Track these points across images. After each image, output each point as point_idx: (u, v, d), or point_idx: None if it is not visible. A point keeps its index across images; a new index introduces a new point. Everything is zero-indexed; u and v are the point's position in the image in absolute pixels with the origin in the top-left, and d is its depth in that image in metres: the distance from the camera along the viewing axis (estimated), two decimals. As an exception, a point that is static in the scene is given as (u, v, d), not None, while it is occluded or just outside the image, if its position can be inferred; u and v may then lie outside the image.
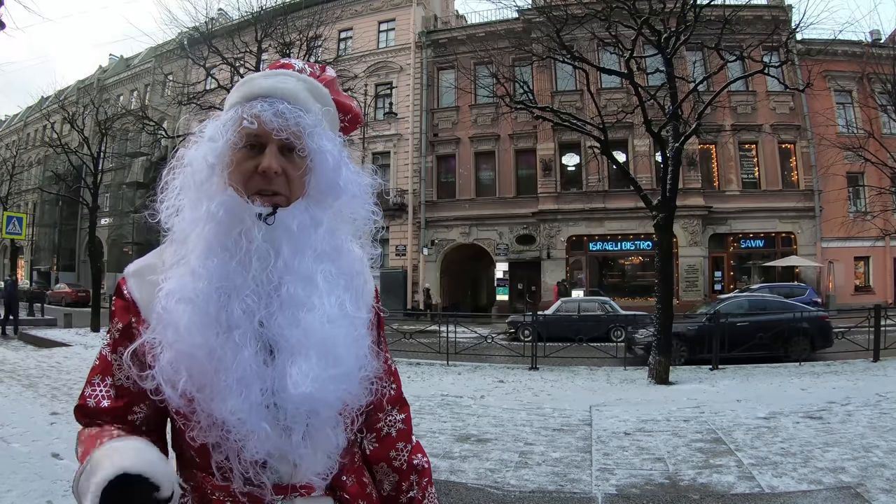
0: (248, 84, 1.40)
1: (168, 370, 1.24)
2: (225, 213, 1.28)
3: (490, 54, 28.00)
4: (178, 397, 1.25)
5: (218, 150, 1.32)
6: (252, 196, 1.30)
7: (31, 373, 11.83)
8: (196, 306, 1.25)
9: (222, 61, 20.02)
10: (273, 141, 1.31)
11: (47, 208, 52.39)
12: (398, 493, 1.56)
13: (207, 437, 1.27)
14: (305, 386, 1.26)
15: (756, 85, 30.32)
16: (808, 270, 30.59)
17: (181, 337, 1.24)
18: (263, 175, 1.30)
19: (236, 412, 1.23)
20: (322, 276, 1.34)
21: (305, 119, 1.34)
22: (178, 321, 1.24)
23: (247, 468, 1.28)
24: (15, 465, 5.68)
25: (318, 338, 1.29)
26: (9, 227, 22.38)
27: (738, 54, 15.26)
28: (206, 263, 1.27)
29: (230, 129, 1.33)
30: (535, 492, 5.58)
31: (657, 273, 12.86)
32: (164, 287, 1.29)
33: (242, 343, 1.25)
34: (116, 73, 51.87)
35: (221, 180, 1.32)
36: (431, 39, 36.65)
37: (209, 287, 1.26)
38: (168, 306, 1.26)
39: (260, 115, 1.31)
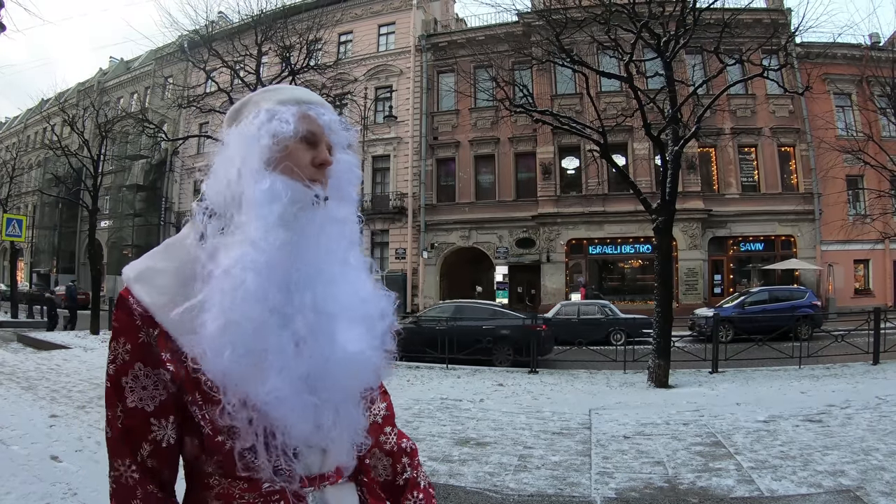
0: (284, 90, 1.51)
1: (216, 337, 1.24)
2: (289, 194, 1.34)
3: (490, 58, 28.07)
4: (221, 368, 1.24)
5: (288, 133, 1.39)
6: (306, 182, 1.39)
7: (31, 375, 11.82)
8: (257, 275, 1.27)
9: (222, 64, 20.00)
10: (322, 140, 1.44)
11: (47, 210, 52.40)
12: (394, 476, 1.61)
13: (234, 420, 1.25)
14: (358, 345, 1.36)
15: (755, 88, 30.41)
16: (808, 273, 30.59)
17: (234, 305, 1.25)
18: (320, 167, 1.41)
19: (277, 389, 1.26)
20: (354, 258, 1.47)
21: (346, 134, 1.53)
22: (235, 288, 1.25)
23: (277, 455, 1.29)
24: (14, 467, 5.68)
25: (360, 310, 1.41)
26: (8, 229, 22.38)
27: (738, 58, 15.27)
28: (269, 237, 1.29)
29: (296, 120, 1.41)
30: (535, 495, 5.58)
31: (657, 276, 12.86)
32: (230, 254, 1.29)
33: (293, 318, 1.31)
34: (116, 76, 51.91)
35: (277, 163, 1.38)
36: (431, 43, 36.68)
37: (270, 261, 1.28)
38: (232, 272, 1.27)
39: (322, 117, 1.46)
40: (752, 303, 22.24)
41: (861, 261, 31.40)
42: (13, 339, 19.01)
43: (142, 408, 1.30)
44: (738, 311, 21.45)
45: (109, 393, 1.32)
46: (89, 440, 6.86)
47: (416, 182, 35.98)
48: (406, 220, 35.57)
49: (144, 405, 1.30)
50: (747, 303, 22.32)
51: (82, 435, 7.10)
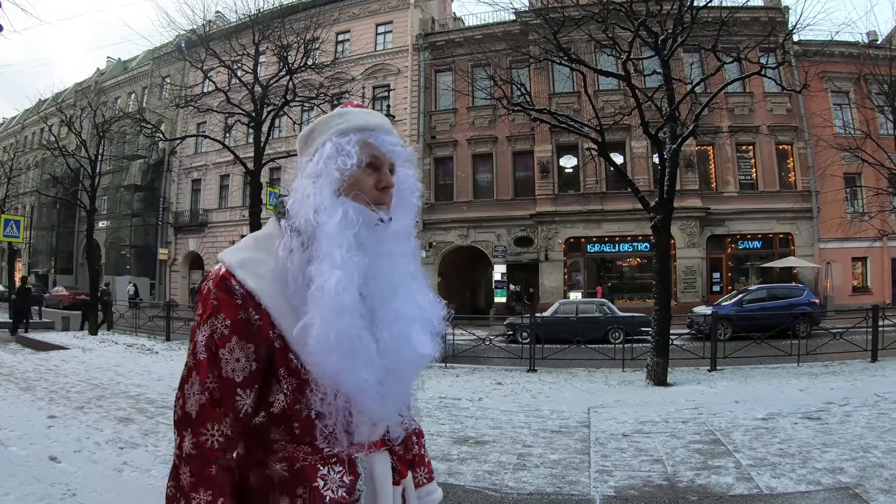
0: (350, 115, 1.71)
1: (324, 346, 1.47)
2: (360, 220, 1.58)
3: (487, 56, 28.13)
4: (330, 368, 1.48)
5: (353, 166, 1.61)
6: (371, 205, 1.62)
7: (29, 376, 11.80)
8: (350, 293, 1.51)
9: (220, 64, 20.02)
10: (385, 163, 1.67)
11: (45, 211, 52.37)
12: (405, 451, 1.83)
13: (327, 406, 1.52)
14: (427, 347, 1.64)
15: (753, 86, 30.40)
16: (806, 271, 30.62)
17: (335, 319, 1.48)
18: (383, 190, 1.65)
19: (366, 380, 1.52)
20: (416, 269, 1.72)
21: (407, 152, 1.74)
22: (337, 306, 1.48)
23: (352, 430, 1.58)
24: (12, 468, 5.67)
25: (423, 312, 1.66)
26: (6, 230, 22.33)
27: (736, 56, 15.27)
28: (350, 260, 1.53)
29: (359, 151, 1.63)
30: (534, 494, 5.58)
31: (655, 274, 12.85)
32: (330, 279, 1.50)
33: (377, 322, 1.58)
34: (114, 76, 51.85)
35: (348, 191, 1.61)
36: (429, 42, 36.65)
37: (354, 280, 1.53)
38: (332, 293, 1.48)
39: (383, 143, 1.68)
40: (751, 301, 22.24)
41: (859, 258, 31.43)
42: (11, 339, 18.98)
43: (233, 378, 1.50)
44: (737, 308, 21.44)
45: (200, 364, 1.51)
46: (88, 441, 6.86)
47: (415, 181, 35.84)
48: (404, 218, 35.48)
49: (235, 376, 1.51)
50: (745, 301, 22.32)
51: (81, 436, 7.09)
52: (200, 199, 43.74)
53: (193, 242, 43.21)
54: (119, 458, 6.15)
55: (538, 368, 14.08)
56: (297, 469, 1.54)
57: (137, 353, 15.99)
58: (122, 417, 8.24)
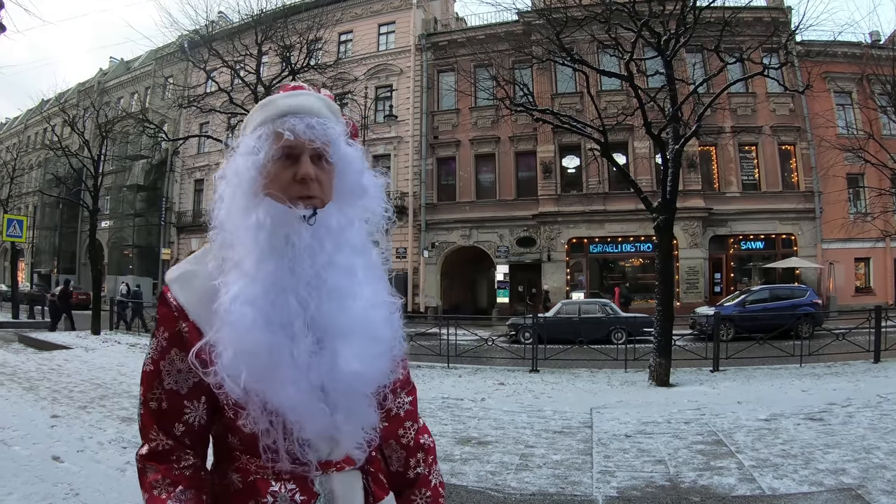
0: (273, 104, 1.53)
1: (230, 366, 1.37)
2: (272, 220, 1.42)
3: (490, 57, 28.07)
4: (241, 391, 1.37)
5: (259, 163, 1.46)
6: (292, 201, 1.45)
7: (32, 375, 11.82)
8: (256, 308, 1.37)
9: (222, 64, 20.03)
10: (306, 150, 1.46)
11: (48, 211, 52.42)
12: (405, 469, 1.70)
13: (258, 424, 1.40)
14: (356, 364, 1.43)
15: (756, 87, 30.39)
16: (809, 272, 30.57)
17: (243, 336, 1.36)
18: (302, 182, 1.45)
19: (292, 398, 1.38)
20: (360, 268, 1.52)
21: (334, 129, 1.51)
22: (240, 322, 1.37)
23: (294, 448, 1.43)
24: (15, 468, 5.68)
25: (361, 322, 1.46)
26: (9, 229, 22.43)
27: (738, 56, 15.29)
28: (262, 267, 1.40)
29: (267, 143, 1.47)
30: (536, 494, 5.58)
31: (658, 275, 12.85)
32: (228, 292, 1.40)
33: (301, 334, 1.40)
34: (117, 76, 51.90)
35: (261, 190, 1.46)
36: (431, 42, 36.66)
37: (267, 289, 1.39)
38: (231, 308, 1.38)
39: (294, 128, 1.46)
40: (753, 301, 22.21)
41: (862, 259, 31.38)
42: (14, 339, 18.99)
43: (177, 390, 1.47)
44: (739, 309, 21.42)
45: (149, 375, 1.49)
46: (91, 440, 6.87)
47: (417, 181, 35.97)
48: (407, 219, 35.54)
49: (179, 388, 1.47)
50: (748, 301, 22.30)
51: (84, 435, 7.10)
52: (203, 199, 43.70)
53: (196, 242, 43.20)
54: (122, 458, 6.16)
55: (541, 369, 14.06)
56: (251, 482, 1.47)
57: (140, 352, 15.96)
58: (124, 417, 8.24)
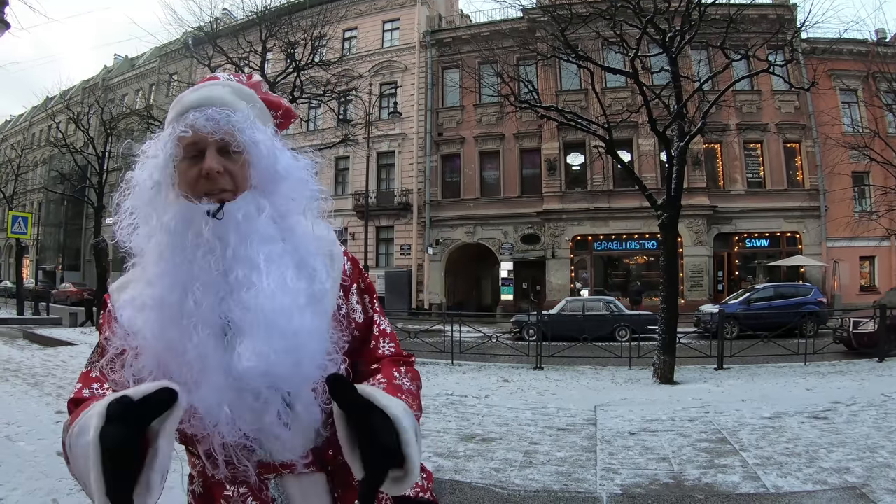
0: (179, 101, 1.49)
1: (135, 370, 1.34)
2: (178, 220, 1.37)
3: (495, 53, 28.04)
4: None
5: (160, 165, 1.42)
6: (201, 198, 1.39)
7: (37, 371, 11.86)
8: (153, 310, 1.35)
9: (227, 61, 20.04)
10: (210, 144, 1.41)
11: (52, 208, 52.50)
12: None
13: (189, 428, 1.34)
14: (249, 360, 1.32)
15: (761, 84, 30.24)
16: (814, 270, 30.49)
17: (144, 341, 1.34)
18: (207, 177, 1.39)
19: (204, 399, 1.31)
20: (264, 257, 1.41)
21: (234, 116, 1.43)
22: (138, 328, 1.35)
23: (228, 452, 1.37)
24: (20, 463, 5.70)
25: (260, 314, 1.36)
26: (14, 226, 22.49)
27: (743, 53, 15.21)
28: (157, 271, 1.37)
29: (169, 144, 1.43)
30: (540, 491, 5.58)
31: (662, 272, 12.83)
32: (121, 298, 1.43)
33: (204, 335, 1.33)
34: (121, 73, 51.93)
35: (172, 193, 1.42)
36: (436, 39, 36.65)
37: (163, 292, 1.35)
38: (127, 315, 1.38)
39: (194, 124, 1.41)
40: (758, 299, 22.20)
41: (867, 257, 31.30)
42: (19, 335, 19.05)
43: None
44: (744, 307, 21.41)
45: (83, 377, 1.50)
46: (95, 436, 6.87)
47: (421, 178, 35.96)
48: (411, 216, 35.57)
49: None
50: (753, 299, 22.29)
51: (88, 431, 7.10)
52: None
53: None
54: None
55: (545, 366, 14.06)
56: (208, 486, 1.46)
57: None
58: (129, 413, 8.25)
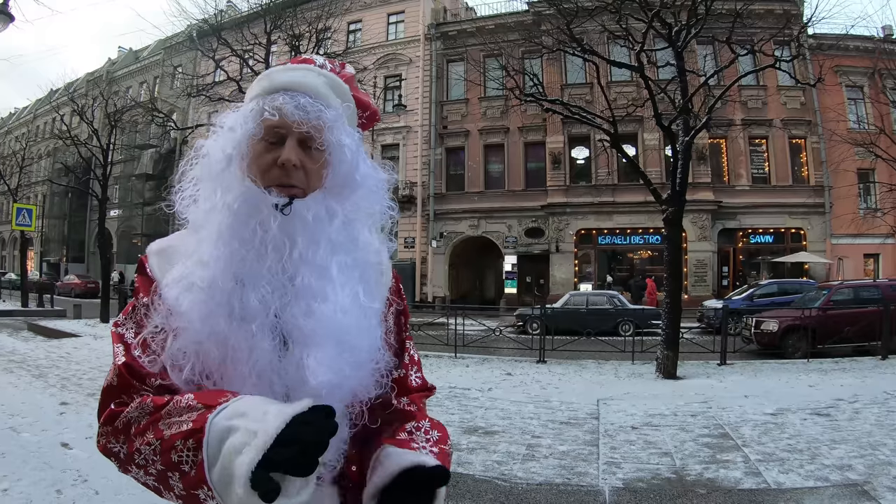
0: (269, 77, 1.41)
1: (175, 355, 1.24)
2: (242, 204, 1.29)
3: (500, 47, 28.06)
4: (184, 383, 1.24)
5: (237, 141, 1.34)
6: (270, 188, 1.31)
7: (41, 363, 11.89)
8: (202, 294, 1.25)
9: (231, 53, 20.03)
10: (293, 134, 1.32)
11: (57, 200, 52.55)
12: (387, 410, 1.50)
13: None
14: (323, 375, 1.26)
15: (767, 79, 30.18)
16: (818, 267, 30.40)
17: (187, 324, 1.24)
18: (282, 167, 1.31)
19: None
20: (337, 267, 1.34)
21: (326, 113, 1.35)
22: (184, 309, 1.25)
23: None
24: (25, 454, 5.72)
25: (332, 328, 1.29)
26: (18, 218, 22.54)
27: (749, 48, 15.17)
28: (215, 252, 1.28)
29: (250, 120, 1.34)
30: (543, 484, 5.59)
31: (666, 267, 12.82)
32: (171, 273, 1.31)
33: (261, 335, 1.25)
34: (126, 66, 51.96)
35: (240, 171, 1.33)
36: (441, 32, 36.58)
37: (217, 275, 1.26)
38: (173, 294, 1.27)
39: (282, 108, 1.32)
40: (762, 295, 22.17)
41: (871, 255, 31.17)
42: (24, 327, 19.10)
43: None
44: (747, 303, 21.38)
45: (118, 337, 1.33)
46: (99, 427, 6.89)
47: (426, 171, 35.96)
48: (415, 209, 35.55)
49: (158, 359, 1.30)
50: (756, 295, 22.26)
51: (92, 422, 6.99)
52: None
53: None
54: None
55: (548, 359, 14.06)
56: None
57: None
58: (133, 405, 8.27)
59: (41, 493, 4.78)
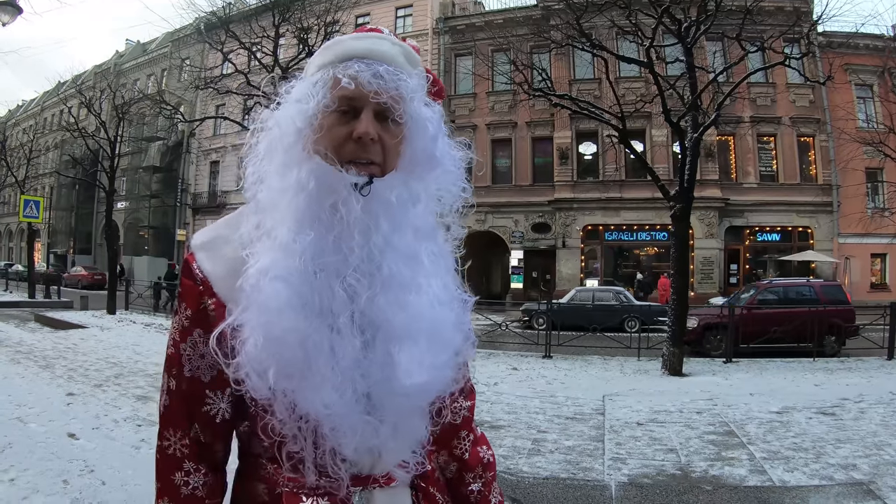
0: (339, 45, 1.28)
1: (255, 356, 1.14)
2: (316, 183, 1.17)
3: (508, 41, 27.95)
4: (266, 388, 1.15)
5: (308, 113, 1.20)
6: (345, 164, 1.19)
7: (48, 354, 11.91)
8: (290, 285, 1.14)
9: (239, 46, 20.05)
10: (369, 105, 1.20)
11: (64, 192, 52.68)
12: (460, 484, 1.48)
13: (283, 429, 1.18)
14: (420, 375, 1.19)
15: (776, 77, 30.06)
16: (824, 266, 30.30)
17: (272, 319, 1.13)
18: (359, 141, 1.19)
19: (330, 406, 1.15)
20: (426, 254, 1.26)
21: (407, 82, 1.24)
22: (269, 302, 1.13)
23: (324, 461, 1.19)
24: (32, 444, 5.74)
25: (427, 322, 1.21)
26: (26, 210, 22.61)
27: (759, 45, 15.11)
28: (300, 238, 1.15)
29: (322, 90, 1.22)
30: (548, 479, 5.60)
31: (673, 264, 12.78)
32: (256, 263, 1.17)
33: (346, 329, 1.16)
34: (133, 58, 52.10)
35: (309, 146, 1.20)
36: (449, 26, 36.53)
37: (304, 264, 1.15)
38: (259, 285, 1.15)
39: (357, 76, 1.20)
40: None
41: (878, 255, 31.08)
42: (31, 318, 19.16)
43: (198, 377, 1.25)
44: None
45: (169, 359, 1.28)
46: (106, 418, 6.93)
47: (432, 166, 35.80)
48: (421, 204, 35.47)
49: (201, 375, 1.25)
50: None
51: (99, 413, 7.17)
52: (219, 180, 43.92)
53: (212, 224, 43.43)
54: (136, 436, 6.21)
55: (554, 355, 14.06)
56: (277, 495, 1.23)
57: (155, 332, 16.07)
58: (139, 395, 8.31)
59: (48, 483, 4.79)
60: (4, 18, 11.34)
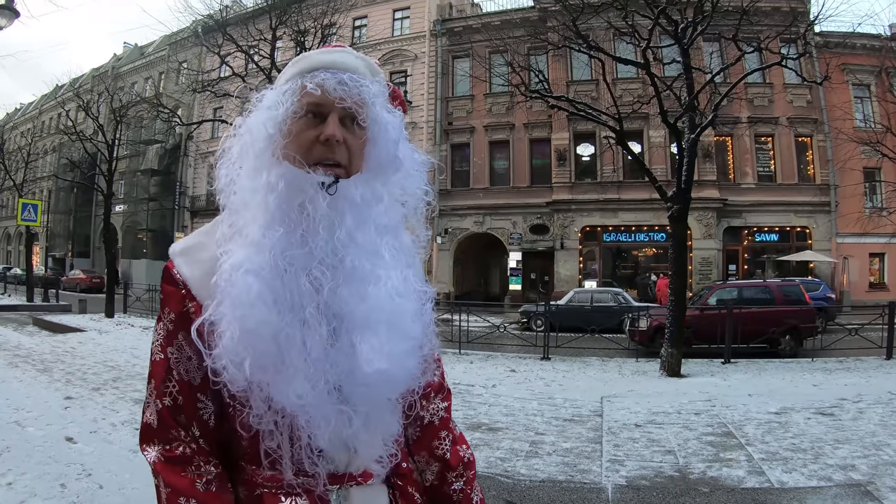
0: (307, 59, 1.37)
1: (232, 348, 1.19)
2: (285, 184, 1.24)
3: (505, 43, 27.96)
4: (243, 379, 1.20)
5: (278, 119, 1.28)
6: (312, 166, 1.27)
7: (46, 358, 11.90)
8: (261, 279, 1.20)
9: (237, 49, 20.03)
10: (335, 109, 1.28)
11: (62, 195, 52.66)
12: (442, 484, 1.53)
13: (260, 424, 1.24)
14: (380, 362, 1.24)
15: (773, 77, 30.07)
16: (823, 266, 30.33)
17: (246, 312, 1.19)
18: (326, 143, 1.27)
19: (303, 396, 1.21)
20: (387, 249, 1.32)
21: (369, 88, 1.32)
22: (241, 296, 1.19)
23: (300, 457, 1.25)
24: (29, 448, 5.74)
25: (386, 312, 1.27)
26: (24, 213, 22.61)
27: (756, 46, 15.11)
28: (269, 234, 1.22)
29: (291, 98, 1.30)
30: (546, 481, 5.59)
31: (671, 265, 12.79)
32: (228, 259, 1.24)
33: (314, 321, 1.22)
34: (131, 61, 52.06)
35: (278, 150, 1.28)
36: (446, 28, 36.52)
37: (273, 259, 1.21)
38: (233, 279, 1.21)
39: (324, 84, 1.28)
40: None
41: (876, 254, 31.08)
42: (29, 322, 19.14)
43: (189, 381, 1.29)
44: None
45: (158, 366, 1.31)
46: (104, 422, 6.93)
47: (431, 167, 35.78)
48: (420, 205, 35.46)
49: (191, 378, 1.29)
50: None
51: (97, 416, 7.16)
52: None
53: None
54: (134, 439, 6.18)
55: (552, 356, 14.07)
56: (257, 496, 1.29)
57: (153, 335, 16.04)
58: (137, 399, 8.29)
59: (45, 487, 4.78)
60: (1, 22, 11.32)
